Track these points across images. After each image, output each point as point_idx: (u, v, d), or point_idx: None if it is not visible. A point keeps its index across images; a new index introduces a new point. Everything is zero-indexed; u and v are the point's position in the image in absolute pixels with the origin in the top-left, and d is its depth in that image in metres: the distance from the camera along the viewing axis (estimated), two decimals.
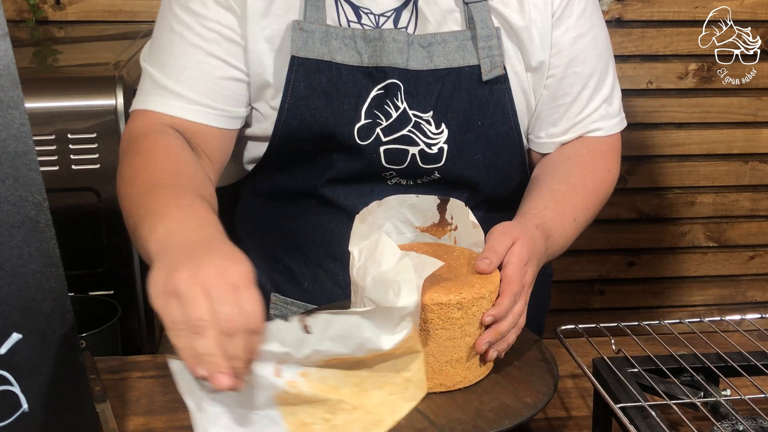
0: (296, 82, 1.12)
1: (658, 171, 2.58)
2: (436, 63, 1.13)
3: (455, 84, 1.14)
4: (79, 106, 1.46)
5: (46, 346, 0.78)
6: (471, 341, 0.94)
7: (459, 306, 0.92)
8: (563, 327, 1.02)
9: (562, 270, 2.56)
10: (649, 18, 2.42)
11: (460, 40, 1.14)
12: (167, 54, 1.13)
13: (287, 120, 1.13)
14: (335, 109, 1.12)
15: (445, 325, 0.92)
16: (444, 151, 1.16)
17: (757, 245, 2.70)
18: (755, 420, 0.87)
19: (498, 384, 0.97)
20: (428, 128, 1.15)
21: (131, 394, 1.06)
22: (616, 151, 1.27)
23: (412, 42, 1.12)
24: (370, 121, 1.13)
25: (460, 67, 1.14)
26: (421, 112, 1.14)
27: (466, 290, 0.92)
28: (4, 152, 0.74)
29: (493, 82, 1.15)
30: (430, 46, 1.13)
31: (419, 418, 0.89)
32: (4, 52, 0.73)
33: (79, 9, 2.19)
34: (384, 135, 1.14)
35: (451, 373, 0.94)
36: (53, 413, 0.80)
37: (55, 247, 0.77)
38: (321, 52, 1.11)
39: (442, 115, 1.15)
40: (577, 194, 1.17)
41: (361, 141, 1.13)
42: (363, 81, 1.12)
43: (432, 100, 1.14)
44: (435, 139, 1.15)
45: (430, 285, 0.92)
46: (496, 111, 1.16)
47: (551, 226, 1.08)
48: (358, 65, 1.12)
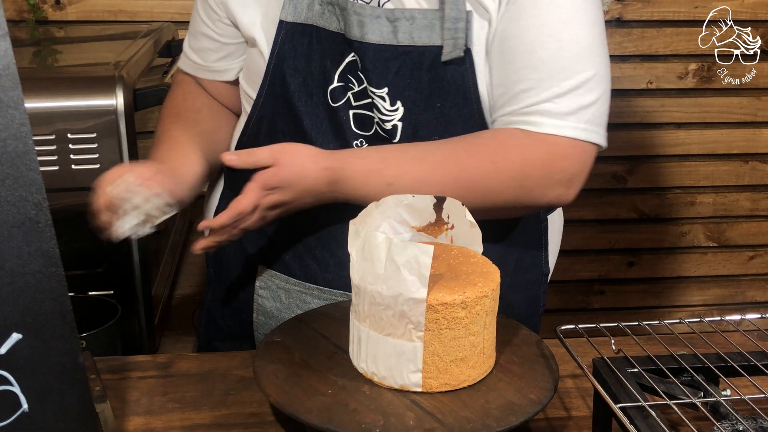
0: (282, 44, 1.18)
1: (658, 171, 2.58)
2: (400, 39, 1.12)
3: (416, 63, 1.13)
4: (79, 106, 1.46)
5: (46, 346, 0.78)
6: (475, 340, 0.94)
7: (463, 305, 0.92)
8: (563, 327, 1.02)
9: (562, 270, 2.56)
10: (649, 18, 2.42)
11: (429, 19, 1.11)
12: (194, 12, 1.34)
13: (271, 80, 1.20)
14: (312, 69, 1.17)
15: (450, 324, 0.92)
16: (398, 128, 1.16)
17: (757, 245, 2.70)
18: (755, 420, 0.87)
19: (501, 381, 0.97)
20: (383, 104, 1.15)
21: (131, 394, 1.06)
22: (543, 151, 1.11)
23: (379, 15, 1.12)
24: (342, 84, 1.17)
25: (423, 46, 1.12)
26: (375, 88, 1.14)
27: (469, 289, 0.93)
28: (4, 152, 0.74)
29: (457, 63, 1.12)
30: (396, 21, 1.12)
31: (427, 419, 0.90)
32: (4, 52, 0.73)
33: (79, 9, 2.19)
34: (354, 99, 1.17)
35: (456, 372, 0.94)
36: (53, 413, 0.80)
37: (55, 247, 0.77)
38: (306, 16, 1.18)
39: (398, 93, 1.14)
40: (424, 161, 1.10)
41: (332, 103, 1.17)
42: (341, 46, 1.16)
43: (389, 76, 1.14)
44: (389, 116, 1.15)
45: (433, 285, 0.93)
46: (457, 93, 1.14)
47: (350, 174, 1.09)
48: (338, 31, 1.16)
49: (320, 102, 1.18)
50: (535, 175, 1.11)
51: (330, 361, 1.00)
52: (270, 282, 1.26)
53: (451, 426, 0.88)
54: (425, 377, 0.94)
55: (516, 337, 1.06)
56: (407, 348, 0.93)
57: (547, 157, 1.11)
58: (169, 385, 1.08)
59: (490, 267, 0.99)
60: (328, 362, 0.99)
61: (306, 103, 1.18)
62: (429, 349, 0.93)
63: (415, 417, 0.90)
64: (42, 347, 0.78)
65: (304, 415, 0.90)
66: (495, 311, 0.98)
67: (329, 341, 1.04)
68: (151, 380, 1.10)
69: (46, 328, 0.78)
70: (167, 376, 1.11)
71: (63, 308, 0.79)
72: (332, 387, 0.95)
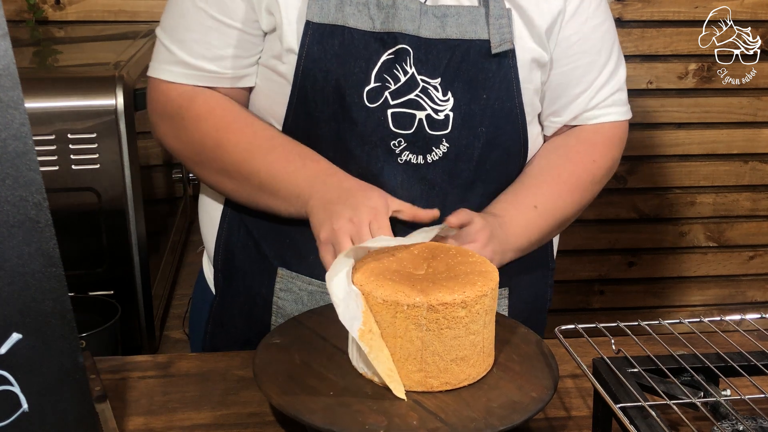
0: (310, 45, 1.16)
1: (658, 171, 2.58)
2: (449, 33, 1.17)
3: (464, 55, 1.17)
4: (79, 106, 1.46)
5: (46, 346, 0.78)
6: (475, 339, 0.95)
7: (463, 305, 0.92)
8: (563, 327, 1.02)
9: (562, 270, 2.57)
10: (649, 18, 2.42)
11: (473, 14, 1.17)
12: (178, 17, 1.21)
13: (302, 83, 1.17)
14: (346, 71, 1.16)
15: (451, 324, 0.92)
16: (450, 118, 1.18)
17: (757, 245, 2.70)
18: (755, 420, 0.87)
19: (502, 380, 0.97)
20: (435, 94, 1.17)
21: (131, 394, 1.06)
22: (610, 142, 1.31)
23: (426, 12, 1.16)
24: (378, 84, 1.16)
25: (471, 39, 1.17)
26: (429, 78, 1.17)
27: (469, 289, 0.93)
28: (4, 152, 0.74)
29: (502, 57, 1.18)
30: (444, 17, 1.17)
31: (431, 418, 0.90)
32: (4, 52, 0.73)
33: (79, 9, 2.19)
34: (392, 98, 1.17)
35: (456, 371, 0.95)
36: (53, 413, 0.80)
37: (55, 247, 0.77)
38: (335, 17, 1.16)
39: (449, 84, 1.17)
40: (546, 183, 1.25)
41: (369, 103, 1.17)
42: (374, 45, 1.16)
43: (441, 67, 1.17)
44: (442, 106, 1.18)
45: (433, 285, 0.93)
46: (501, 86, 1.19)
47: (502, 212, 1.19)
48: (371, 30, 1.16)
49: (355, 103, 1.17)
50: (620, 155, 1.32)
51: (330, 362, 1.00)
52: (291, 284, 1.26)
53: (454, 425, 0.88)
54: (426, 377, 0.94)
55: (516, 336, 1.06)
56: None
57: (608, 143, 1.30)
58: (169, 385, 1.08)
59: (489, 266, 0.99)
60: (328, 363, 0.99)
61: (341, 106, 1.17)
62: (429, 348, 0.93)
63: (418, 417, 0.90)
64: (42, 347, 0.78)
65: (306, 416, 0.89)
66: (494, 310, 0.98)
67: (328, 342, 1.04)
68: (151, 380, 1.10)
69: (46, 328, 0.78)
70: (167, 376, 1.11)
71: (63, 308, 0.79)
72: (333, 388, 0.95)
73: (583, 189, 1.27)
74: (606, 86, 1.28)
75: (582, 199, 1.28)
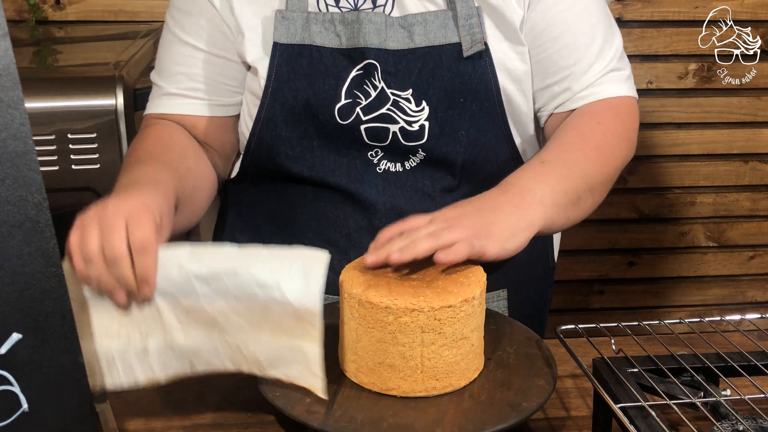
0: (279, 66, 1.17)
1: (658, 171, 2.58)
2: (417, 42, 1.16)
3: (436, 62, 1.16)
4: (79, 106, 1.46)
5: (46, 346, 0.79)
6: (468, 341, 0.95)
7: (455, 308, 0.92)
8: (563, 327, 1.02)
9: (562, 270, 2.57)
10: (649, 18, 2.42)
11: (441, 19, 1.16)
12: (161, 53, 1.24)
13: (270, 104, 1.18)
14: (316, 90, 1.16)
15: (443, 328, 0.93)
16: (425, 128, 1.17)
17: (757, 245, 2.70)
18: (755, 420, 0.87)
19: (501, 379, 0.97)
20: (408, 106, 1.17)
21: (131, 394, 1.06)
22: (614, 109, 1.22)
23: (392, 23, 1.15)
24: (350, 101, 1.16)
25: (441, 45, 1.16)
26: (399, 90, 1.16)
27: (459, 293, 0.93)
28: (4, 152, 0.74)
29: (475, 58, 1.16)
30: (411, 26, 1.16)
31: (430, 419, 0.90)
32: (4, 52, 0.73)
33: (79, 9, 2.19)
34: (364, 114, 1.17)
35: (453, 374, 0.95)
36: (53, 413, 0.80)
37: (55, 247, 0.77)
38: (302, 37, 1.16)
39: (422, 93, 1.16)
40: (550, 145, 1.16)
41: (341, 120, 1.17)
42: (343, 62, 1.16)
43: (412, 77, 1.16)
44: (416, 117, 1.17)
45: (423, 291, 0.93)
46: (479, 87, 1.17)
47: (504, 181, 1.08)
48: (338, 47, 1.16)
49: (327, 121, 1.17)
50: (633, 127, 1.25)
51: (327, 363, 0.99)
52: None
53: (454, 425, 0.89)
54: (423, 380, 0.94)
55: (516, 336, 1.06)
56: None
57: (627, 111, 1.24)
58: (169, 385, 1.08)
59: (476, 269, 0.99)
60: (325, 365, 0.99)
61: (312, 124, 1.18)
62: (426, 353, 0.93)
63: (418, 418, 0.90)
64: (42, 347, 0.78)
65: (308, 418, 0.90)
66: (483, 310, 0.99)
67: (328, 342, 1.03)
68: None
69: (46, 328, 0.78)
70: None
71: (63, 308, 0.79)
72: (333, 389, 0.95)
73: (594, 147, 1.16)
74: (595, 65, 1.20)
75: (599, 158, 1.15)
